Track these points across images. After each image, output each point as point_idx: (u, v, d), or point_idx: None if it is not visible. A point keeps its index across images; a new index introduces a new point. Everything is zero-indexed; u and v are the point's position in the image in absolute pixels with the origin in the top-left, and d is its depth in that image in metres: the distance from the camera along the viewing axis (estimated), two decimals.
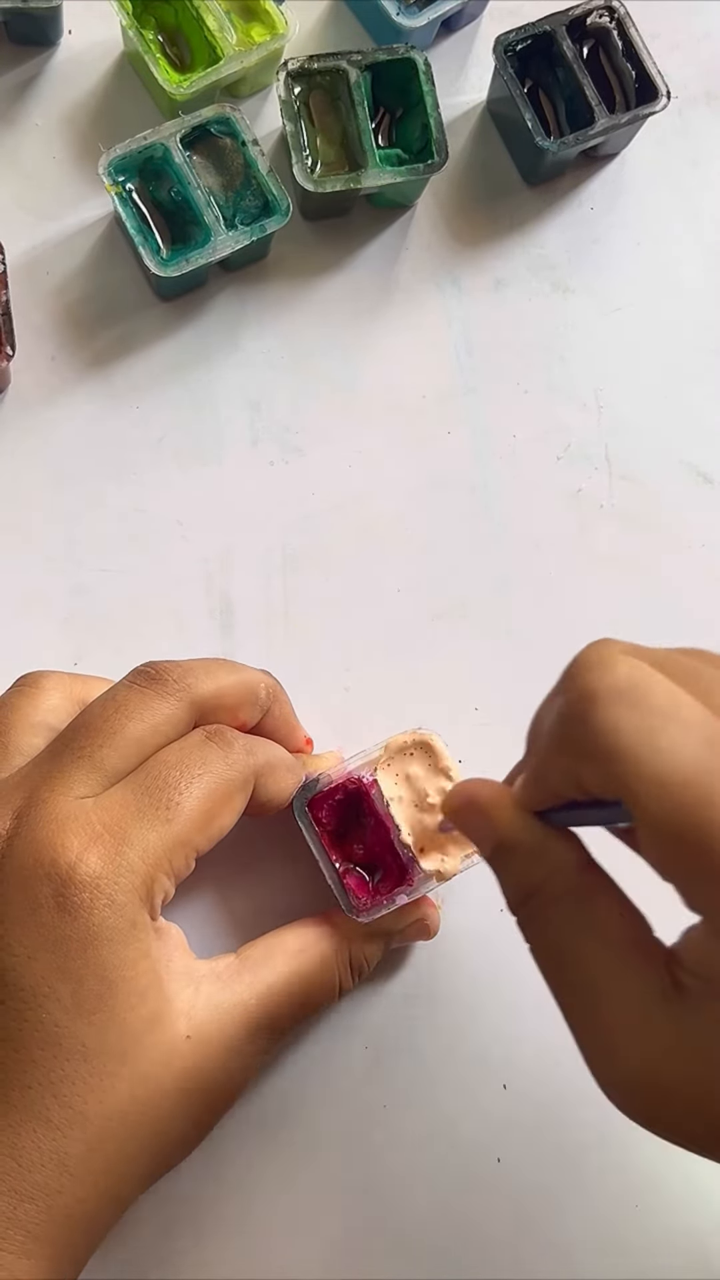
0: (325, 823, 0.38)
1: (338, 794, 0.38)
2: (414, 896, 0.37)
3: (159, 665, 0.35)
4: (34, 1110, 0.31)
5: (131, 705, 0.34)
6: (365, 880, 0.38)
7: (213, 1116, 0.35)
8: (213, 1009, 0.34)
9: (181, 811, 0.33)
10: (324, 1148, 0.39)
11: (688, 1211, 0.40)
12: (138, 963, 0.32)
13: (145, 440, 0.45)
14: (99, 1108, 0.31)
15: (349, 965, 0.37)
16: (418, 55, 0.45)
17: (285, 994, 0.35)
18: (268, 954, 0.36)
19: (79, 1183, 0.31)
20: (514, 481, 0.46)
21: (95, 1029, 0.31)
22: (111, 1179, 0.32)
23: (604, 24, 0.46)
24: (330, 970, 0.37)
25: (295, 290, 0.47)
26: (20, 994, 0.31)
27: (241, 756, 0.35)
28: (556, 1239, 0.39)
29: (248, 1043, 0.34)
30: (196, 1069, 0.33)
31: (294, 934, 0.37)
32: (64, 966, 0.31)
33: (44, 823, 0.32)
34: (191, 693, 0.35)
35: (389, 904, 0.37)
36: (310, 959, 0.36)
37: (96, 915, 0.31)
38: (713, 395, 0.47)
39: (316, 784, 0.38)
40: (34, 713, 0.36)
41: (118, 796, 0.33)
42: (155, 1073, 0.32)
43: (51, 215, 0.46)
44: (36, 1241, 0.30)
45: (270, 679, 0.38)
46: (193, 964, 0.34)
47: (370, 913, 0.37)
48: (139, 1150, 0.32)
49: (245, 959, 0.36)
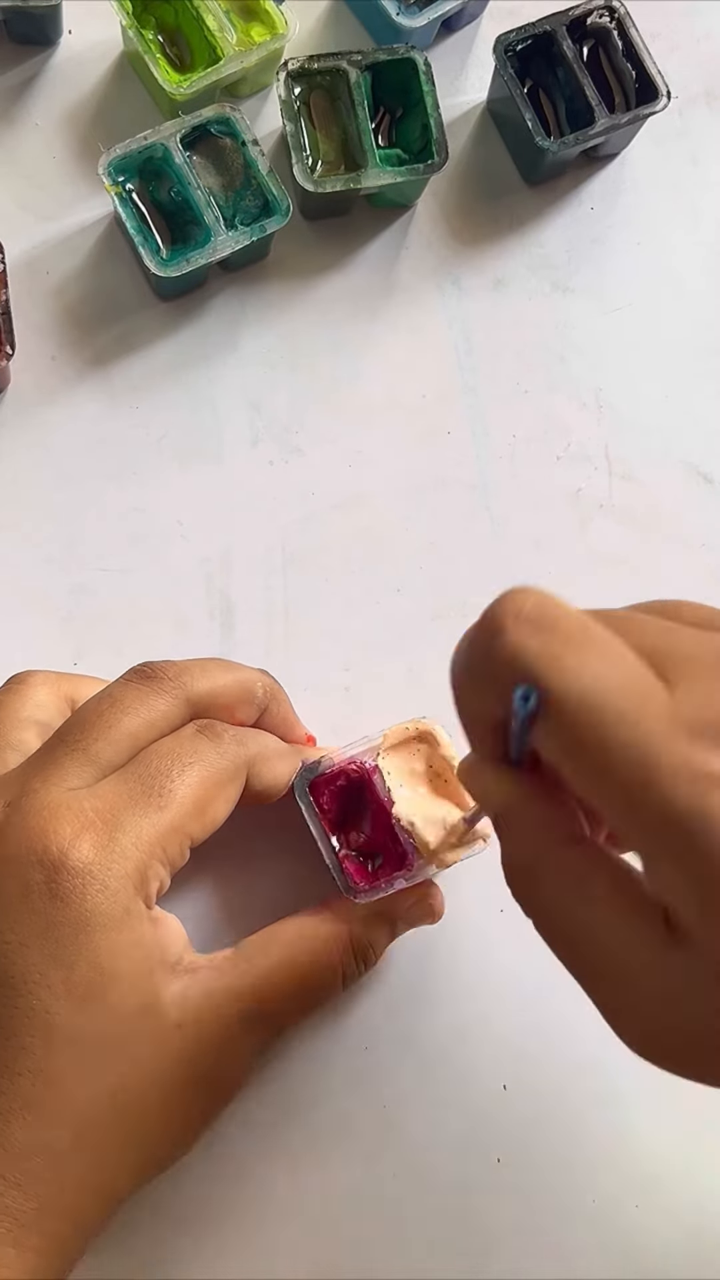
0: (326, 808, 0.38)
1: (340, 779, 0.38)
2: (413, 882, 0.37)
3: (155, 664, 0.36)
4: (24, 1098, 0.31)
5: (127, 701, 0.35)
6: (364, 864, 0.38)
7: (207, 1111, 0.35)
8: (206, 998, 0.34)
9: (174, 799, 0.33)
10: (324, 1148, 0.39)
11: (688, 1211, 0.40)
12: (130, 950, 0.32)
13: (145, 440, 0.45)
14: (88, 1095, 0.31)
15: (351, 951, 0.37)
16: (418, 55, 0.45)
17: (282, 982, 0.35)
18: (264, 943, 0.36)
19: (68, 1173, 0.31)
20: (514, 481, 0.46)
21: (86, 1015, 0.31)
22: (101, 1169, 0.32)
23: (604, 24, 0.46)
24: (329, 956, 0.36)
25: (295, 290, 0.47)
26: (11, 981, 0.31)
27: (233, 747, 0.35)
28: (556, 1239, 0.39)
29: (244, 1033, 0.34)
30: (187, 1058, 0.33)
31: (291, 923, 0.37)
32: (55, 953, 0.31)
33: (36, 811, 0.32)
34: (187, 691, 0.35)
35: (387, 887, 0.37)
36: (307, 944, 0.36)
37: (89, 901, 0.32)
38: (713, 395, 0.47)
39: (318, 766, 0.38)
40: (22, 708, 0.36)
41: (110, 786, 0.33)
42: (146, 1060, 0.32)
43: (51, 215, 0.46)
44: (24, 1229, 0.30)
45: (267, 678, 0.38)
46: (189, 955, 0.34)
47: (367, 895, 0.37)
48: (128, 1139, 0.32)
49: (242, 949, 0.36)
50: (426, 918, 0.39)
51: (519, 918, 0.29)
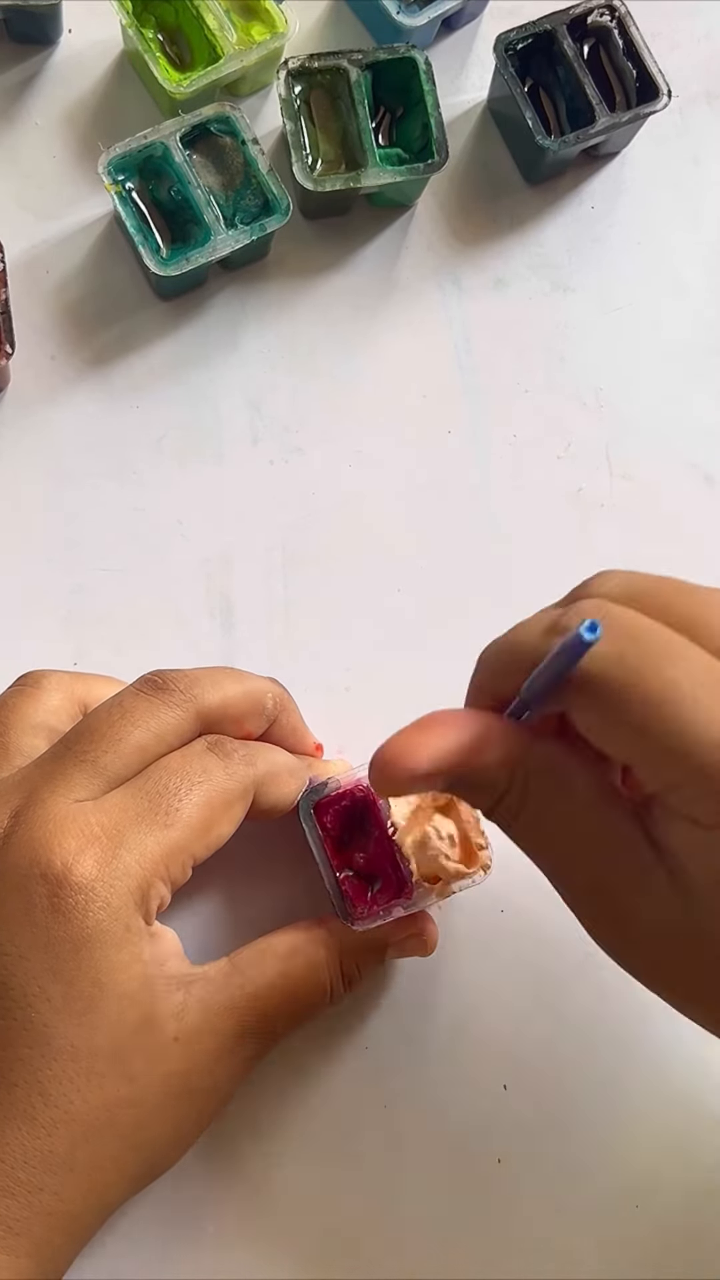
0: (330, 828, 0.37)
1: (344, 800, 0.38)
2: (411, 910, 0.37)
3: (166, 674, 0.35)
4: (19, 1108, 0.31)
5: (137, 712, 0.34)
6: (364, 889, 0.37)
7: (200, 1120, 0.35)
8: (203, 1012, 0.34)
9: (180, 818, 0.33)
10: (324, 1148, 0.39)
11: (688, 1211, 0.40)
12: (130, 966, 0.32)
13: (145, 440, 0.45)
14: (85, 1107, 0.31)
15: (340, 972, 0.37)
16: (418, 54, 0.45)
17: (276, 996, 0.35)
18: (259, 956, 0.36)
19: (63, 1181, 0.31)
20: (514, 481, 0.46)
21: (85, 1029, 0.31)
22: (96, 1179, 0.32)
23: (605, 23, 0.46)
24: (320, 974, 0.36)
25: (295, 289, 0.47)
26: (10, 993, 0.31)
27: (241, 767, 0.35)
28: (556, 1239, 0.39)
29: (238, 1046, 0.34)
30: (184, 1071, 0.33)
31: (285, 937, 0.37)
32: (56, 968, 0.31)
33: (41, 823, 0.32)
34: (197, 703, 0.35)
35: (385, 914, 0.37)
36: (301, 962, 0.36)
37: (90, 918, 0.32)
38: (713, 395, 0.47)
39: (325, 787, 0.37)
40: (35, 713, 0.36)
41: (116, 800, 0.33)
42: (143, 1074, 0.32)
43: (51, 214, 0.46)
44: (17, 1237, 0.31)
45: (278, 688, 0.38)
46: (185, 968, 0.34)
47: (365, 922, 0.36)
48: (124, 1151, 0.32)
49: (236, 962, 0.36)
50: (419, 950, 0.39)
51: (519, 918, 0.29)
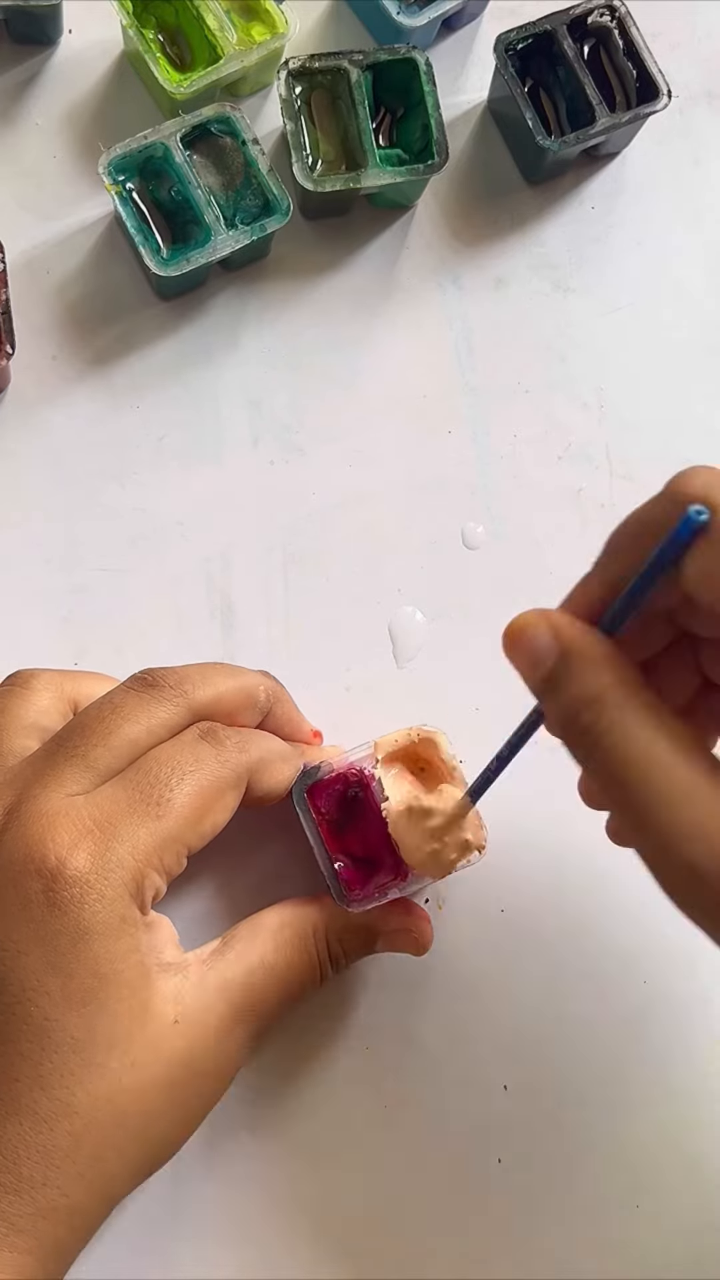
0: (324, 812, 0.37)
1: (338, 784, 0.38)
2: (406, 892, 0.37)
3: (157, 671, 0.36)
4: (21, 1104, 0.31)
5: (128, 708, 0.34)
6: (359, 871, 0.37)
7: (203, 1105, 0.35)
8: (199, 991, 0.34)
9: (172, 808, 0.33)
10: (323, 1147, 0.39)
11: (688, 1211, 0.40)
12: (127, 956, 0.32)
13: (145, 440, 0.45)
14: (86, 1098, 0.31)
15: (327, 949, 0.37)
16: (418, 55, 0.45)
17: (267, 972, 0.35)
18: (250, 932, 0.36)
19: (65, 1175, 0.31)
20: (514, 481, 0.46)
21: (84, 1021, 0.31)
22: (99, 1172, 0.32)
23: (605, 23, 0.46)
24: (309, 949, 0.36)
25: (295, 290, 0.47)
26: (9, 989, 0.31)
27: (234, 754, 0.35)
28: (556, 1239, 0.39)
29: (235, 1023, 0.34)
30: (185, 1053, 0.33)
31: (275, 912, 0.37)
32: (54, 961, 0.31)
33: (34, 818, 0.32)
34: (189, 699, 0.35)
35: (380, 896, 0.37)
36: (290, 935, 0.36)
37: (86, 911, 0.32)
38: (713, 395, 0.47)
39: (317, 771, 0.38)
40: (26, 714, 0.36)
41: (109, 793, 0.33)
42: (144, 1060, 0.32)
43: (51, 215, 0.46)
44: (20, 1234, 0.31)
45: (270, 680, 0.38)
46: (180, 954, 0.35)
47: (360, 904, 0.37)
48: (127, 1141, 0.32)
49: (228, 939, 0.36)
50: (410, 947, 0.38)
51: (519, 918, 0.29)
